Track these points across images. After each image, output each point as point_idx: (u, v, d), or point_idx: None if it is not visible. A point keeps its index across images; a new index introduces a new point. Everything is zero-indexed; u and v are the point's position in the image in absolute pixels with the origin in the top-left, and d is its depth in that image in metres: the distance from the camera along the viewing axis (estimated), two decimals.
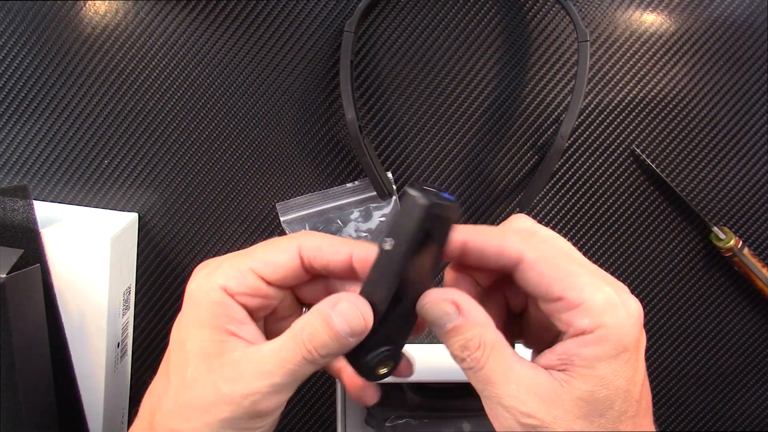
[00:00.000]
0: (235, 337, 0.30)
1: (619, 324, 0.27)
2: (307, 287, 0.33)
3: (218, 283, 0.30)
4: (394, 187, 0.53)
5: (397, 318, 0.31)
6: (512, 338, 0.33)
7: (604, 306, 0.27)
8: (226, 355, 0.29)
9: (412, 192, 0.29)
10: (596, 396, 0.27)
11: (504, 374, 0.28)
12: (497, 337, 0.29)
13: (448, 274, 0.33)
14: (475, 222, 0.53)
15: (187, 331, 0.30)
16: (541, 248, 0.29)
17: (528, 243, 0.29)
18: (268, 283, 0.31)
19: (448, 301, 0.29)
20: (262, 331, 0.31)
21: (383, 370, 0.32)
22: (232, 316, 0.30)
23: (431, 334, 0.55)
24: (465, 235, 0.30)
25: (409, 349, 0.57)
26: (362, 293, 0.30)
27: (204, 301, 0.30)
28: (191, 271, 0.32)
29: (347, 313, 0.29)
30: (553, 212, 0.54)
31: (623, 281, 0.31)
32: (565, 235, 0.54)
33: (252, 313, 0.31)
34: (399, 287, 0.30)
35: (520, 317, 0.34)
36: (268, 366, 0.29)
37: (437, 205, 0.29)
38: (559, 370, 0.28)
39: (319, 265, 0.31)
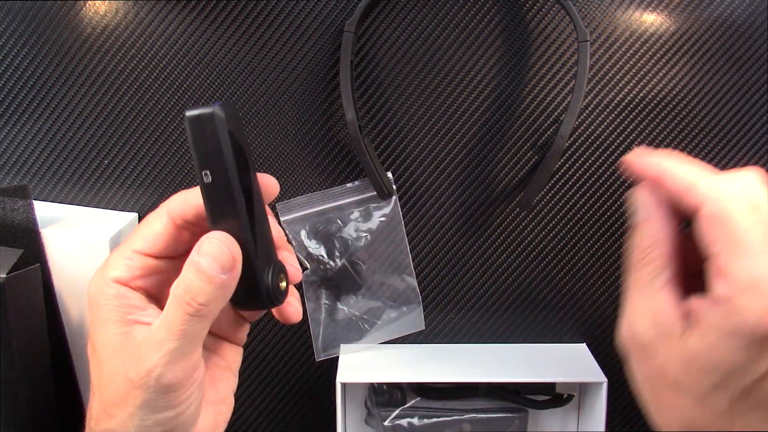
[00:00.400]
0: (138, 324, 0.30)
1: (752, 310, 0.25)
2: None
3: (109, 276, 0.30)
4: (394, 186, 0.53)
5: (260, 233, 0.30)
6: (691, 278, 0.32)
7: (748, 285, 0.26)
8: (131, 343, 0.29)
9: (199, 110, 0.28)
10: (699, 357, 0.27)
11: (642, 289, 0.29)
12: (663, 258, 0.29)
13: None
14: (474, 221, 0.53)
15: (95, 334, 0.30)
16: (727, 206, 0.27)
17: (716, 196, 0.28)
18: (156, 257, 0.31)
19: (647, 200, 0.30)
20: None
21: (282, 285, 0.32)
22: (129, 304, 0.30)
23: (430, 334, 0.55)
24: (666, 166, 0.30)
25: (410, 350, 0.58)
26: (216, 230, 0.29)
27: (101, 300, 0.30)
28: None
29: (211, 250, 0.28)
30: (553, 212, 0.54)
31: (623, 281, 0.31)
32: (564, 235, 0.54)
33: (154, 294, 0.31)
34: (243, 205, 0.29)
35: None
36: (160, 335, 0.28)
37: (228, 106, 0.28)
38: (690, 318, 0.28)
39: (191, 216, 0.31)
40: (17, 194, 0.46)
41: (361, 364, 0.52)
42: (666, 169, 0.30)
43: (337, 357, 0.53)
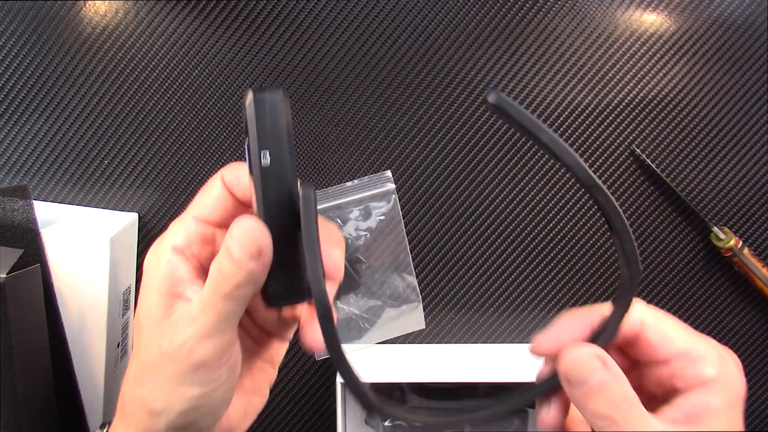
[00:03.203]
0: (181, 299, 0.30)
1: (735, 374, 0.29)
2: None
3: (167, 243, 0.30)
4: (394, 186, 0.53)
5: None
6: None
7: (720, 359, 0.29)
8: (171, 316, 0.30)
9: (267, 92, 0.29)
10: None
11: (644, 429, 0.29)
12: (634, 394, 0.29)
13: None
14: (474, 221, 0.53)
15: (141, 303, 0.31)
16: (654, 312, 0.31)
17: (644, 308, 0.31)
18: (213, 224, 0.31)
19: (593, 357, 0.29)
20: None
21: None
22: (176, 276, 0.30)
23: (430, 334, 0.55)
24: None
25: (410, 350, 0.57)
26: (260, 216, 0.29)
27: (152, 268, 0.30)
28: None
29: (241, 237, 0.28)
30: (553, 212, 0.54)
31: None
32: (565, 235, 0.54)
33: (207, 266, 0.31)
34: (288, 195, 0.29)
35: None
36: (195, 311, 0.29)
37: (285, 93, 0.29)
38: (683, 425, 0.28)
39: (239, 192, 0.31)
40: (17, 194, 0.46)
41: (361, 364, 0.52)
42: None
43: None
